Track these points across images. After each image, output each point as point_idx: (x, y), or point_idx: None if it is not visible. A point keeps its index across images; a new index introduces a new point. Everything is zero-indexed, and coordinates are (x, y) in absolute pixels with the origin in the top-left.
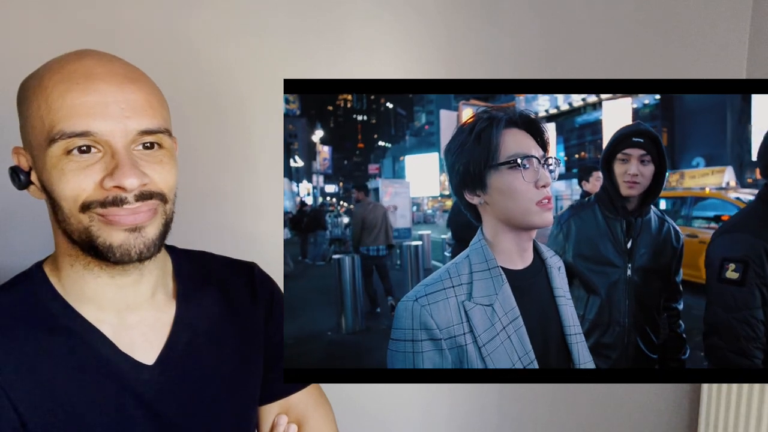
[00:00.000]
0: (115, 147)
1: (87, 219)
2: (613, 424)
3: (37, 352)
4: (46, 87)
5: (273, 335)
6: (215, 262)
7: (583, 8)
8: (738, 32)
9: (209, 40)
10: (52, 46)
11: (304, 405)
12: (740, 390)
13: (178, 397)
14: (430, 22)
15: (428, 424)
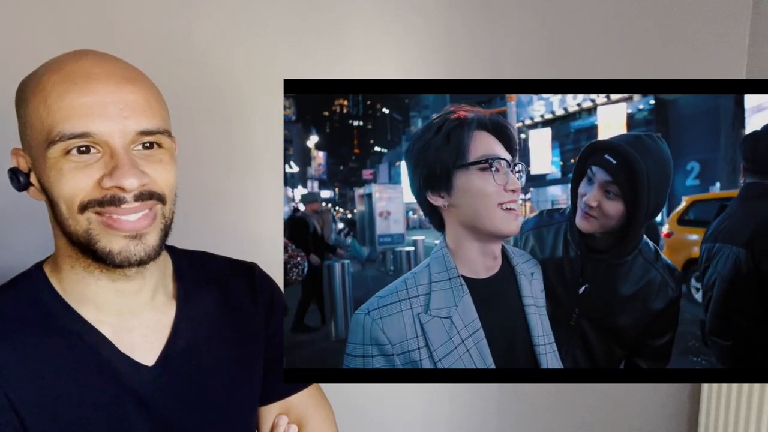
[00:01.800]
0: (114, 147)
1: (85, 221)
2: (612, 424)
3: (37, 353)
4: (44, 88)
5: (273, 336)
6: (215, 262)
7: (583, 8)
8: (738, 32)
9: (209, 40)
10: (51, 46)
11: (304, 405)
12: (740, 390)
13: (178, 397)
14: (431, 21)
15: (428, 424)
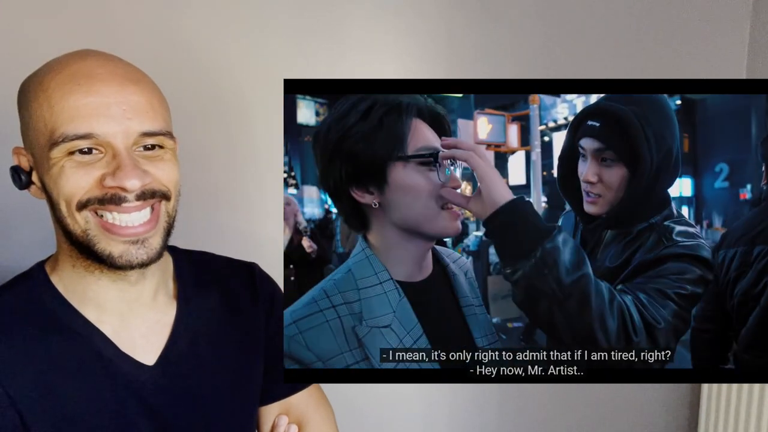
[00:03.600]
0: (116, 148)
1: (83, 221)
2: (612, 424)
3: (38, 352)
4: (47, 88)
5: (273, 336)
6: (216, 262)
7: (583, 8)
8: (738, 32)
9: (209, 40)
10: (52, 46)
11: (304, 405)
12: (740, 390)
13: (179, 397)
14: (431, 21)
15: (428, 424)
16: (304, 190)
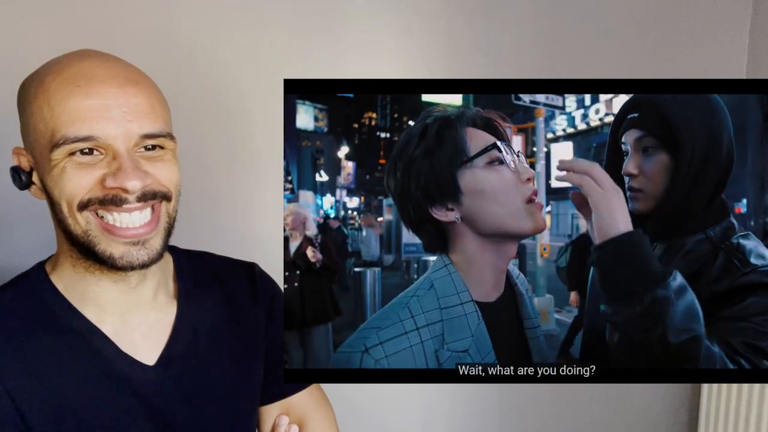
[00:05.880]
0: (117, 150)
1: (84, 221)
2: (613, 424)
3: (39, 352)
4: (47, 89)
5: (274, 335)
6: (216, 262)
7: (583, 8)
8: (738, 32)
9: (208, 40)
10: (52, 46)
11: (305, 405)
12: (740, 390)
13: (179, 397)
14: (431, 21)
15: (428, 424)
16: (300, 195)
